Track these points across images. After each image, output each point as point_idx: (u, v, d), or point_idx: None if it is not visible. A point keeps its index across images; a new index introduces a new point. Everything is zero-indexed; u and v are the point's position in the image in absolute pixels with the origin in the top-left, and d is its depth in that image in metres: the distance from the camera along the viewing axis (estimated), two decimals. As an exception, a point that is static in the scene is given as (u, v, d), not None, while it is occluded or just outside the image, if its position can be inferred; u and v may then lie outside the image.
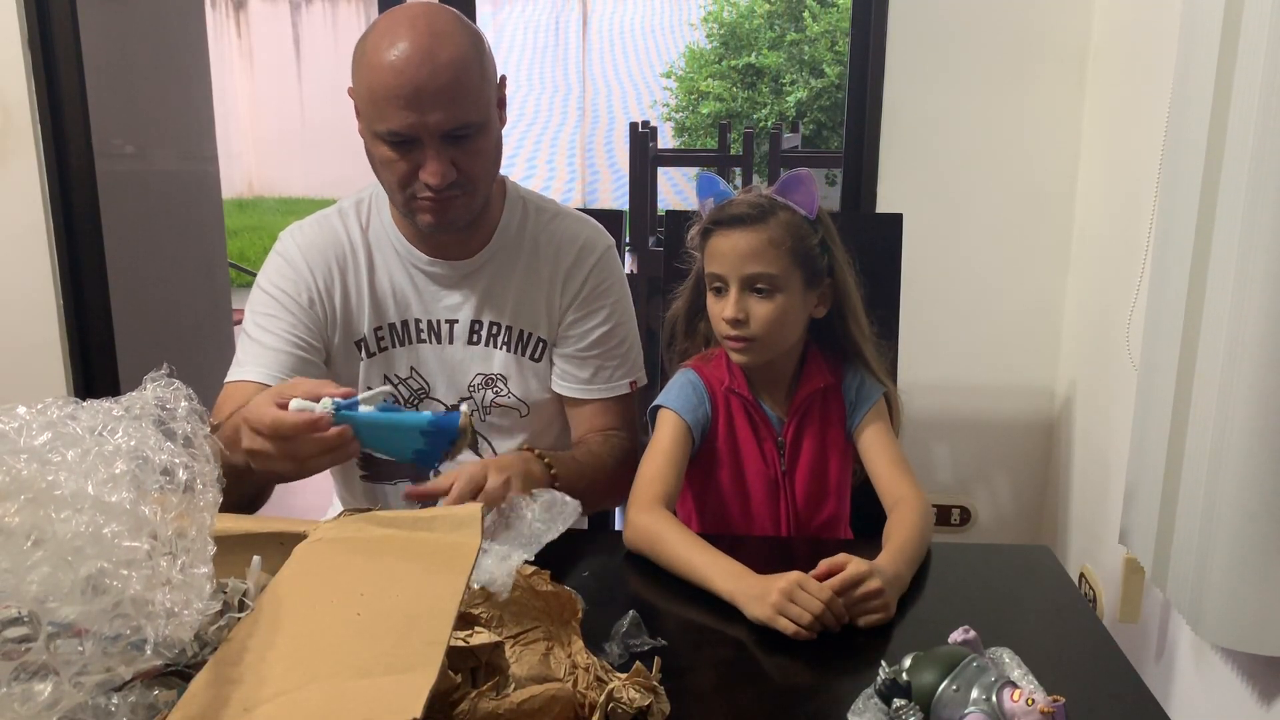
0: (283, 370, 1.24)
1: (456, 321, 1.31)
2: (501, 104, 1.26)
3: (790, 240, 1.19)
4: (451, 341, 1.32)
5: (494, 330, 1.32)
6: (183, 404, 0.72)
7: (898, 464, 1.23)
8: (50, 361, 2.17)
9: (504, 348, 1.33)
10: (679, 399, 1.25)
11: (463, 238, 1.30)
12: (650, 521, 1.14)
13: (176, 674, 0.68)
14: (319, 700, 0.67)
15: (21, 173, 2.09)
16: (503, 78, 1.26)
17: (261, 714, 0.66)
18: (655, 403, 1.27)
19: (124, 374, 2.28)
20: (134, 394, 0.72)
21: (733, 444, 1.27)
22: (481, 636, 0.73)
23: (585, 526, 1.51)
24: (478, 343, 1.32)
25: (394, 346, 1.32)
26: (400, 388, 1.32)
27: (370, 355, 1.31)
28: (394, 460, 1.10)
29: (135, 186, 2.76)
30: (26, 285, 2.14)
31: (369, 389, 1.30)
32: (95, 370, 2.23)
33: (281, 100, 10.74)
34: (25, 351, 2.16)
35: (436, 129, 1.14)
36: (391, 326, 1.31)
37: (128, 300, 2.33)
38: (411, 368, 1.32)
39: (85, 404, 0.71)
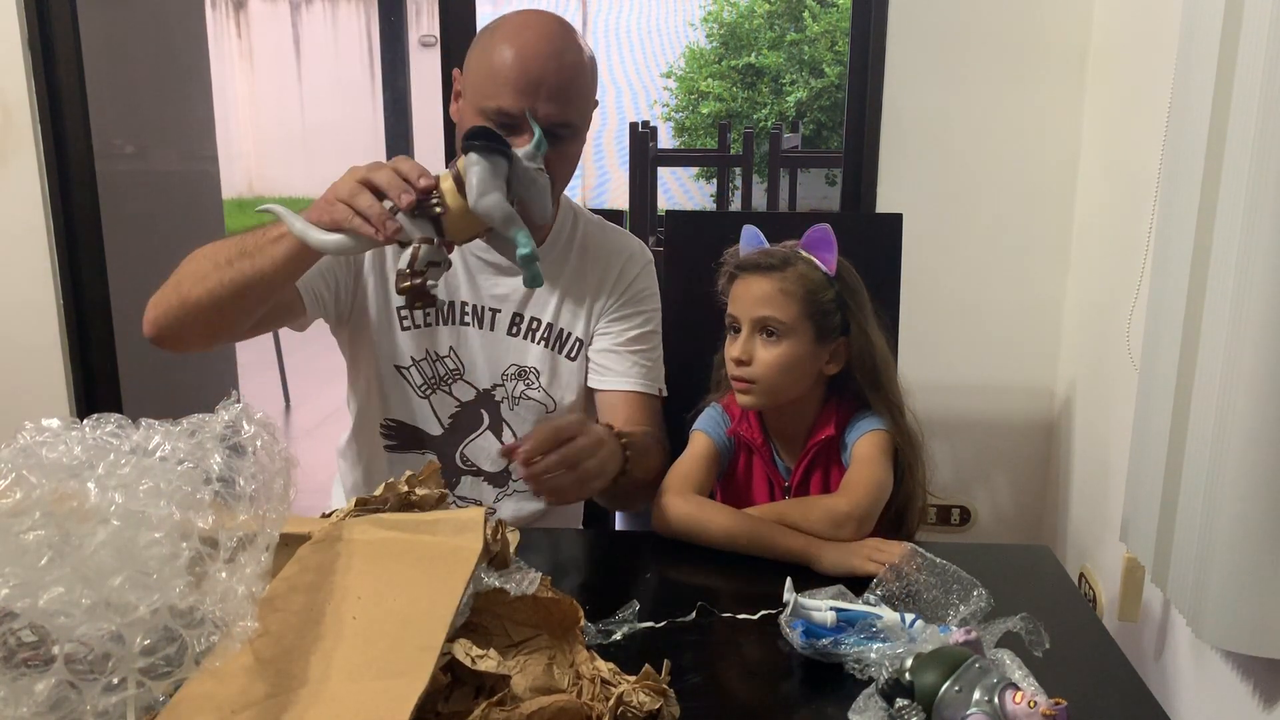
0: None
1: (500, 311, 1.35)
2: (587, 124, 1.32)
3: (802, 291, 1.22)
4: (493, 329, 1.35)
5: (534, 325, 1.36)
6: (248, 424, 0.72)
7: (850, 481, 1.22)
8: (50, 362, 2.17)
9: (541, 343, 1.36)
10: (708, 423, 1.32)
11: None
12: (689, 502, 1.21)
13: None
14: (306, 704, 0.67)
15: (21, 173, 2.09)
16: (596, 101, 1.32)
17: (247, 717, 0.66)
18: (693, 427, 1.33)
19: (124, 374, 2.28)
20: (200, 416, 0.73)
21: (746, 482, 1.32)
22: (487, 664, 0.73)
23: (580, 525, 1.51)
24: (517, 334, 1.36)
25: (439, 324, 1.35)
26: (437, 365, 1.35)
27: (415, 327, 1.34)
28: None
29: (135, 186, 2.76)
30: (26, 285, 2.14)
31: (412, 359, 1.35)
32: (95, 371, 2.22)
33: (281, 100, 10.74)
34: (25, 352, 2.16)
35: (543, 120, 1.19)
36: (439, 305, 1.34)
37: (128, 300, 2.33)
38: (451, 347, 1.35)
39: (141, 422, 0.71)
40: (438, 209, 0.96)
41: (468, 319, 1.35)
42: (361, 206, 0.96)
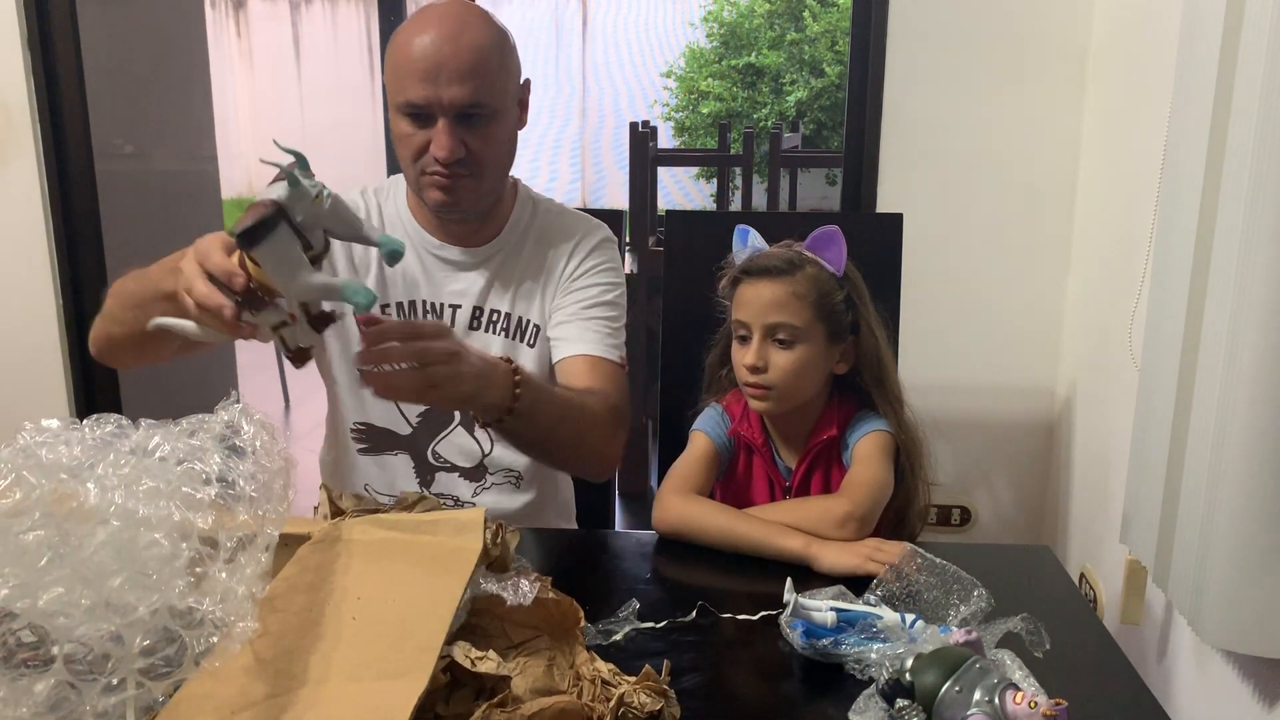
0: None
1: (459, 307, 1.34)
2: (523, 105, 1.32)
3: (815, 294, 1.22)
4: (453, 325, 1.34)
5: (494, 317, 1.35)
6: (248, 425, 0.72)
7: (852, 481, 1.22)
8: (50, 362, 2.17)
9: (501, 334, 1.35)
10: (708, 423, 1.32)
11: (474, 227, 1.34)
12: (689, 502, 1.21)
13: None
14: (306, 704, 0.67)
15: (21, 173, 2.09)
16: (527, 80, 1.31)
17: (247, 717, 0.65)
18: (692, 427, 1.33)
19: (124, 374, 2.28)
20: (199, 416, 0.73)
21: (746, 482, 1.32)
22: (487, 665, 0.72)
23: (574, 524, 1.51)
24: (478, 329, 1.35)
25: None
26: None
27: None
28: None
29: (135, 186, 2.76)
30: (26, 286, 2.14)
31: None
32: (95, 371, 2.22)
33: (281, 100, 10.73)
34: (25, 352, 2.16)
35: (451, 105, 1.20)
36: (399, 305, 1.34)
37: (128, 300, 2.33)
38: None
39: (141, 422, 0.71)
40: (266, 298, 0.91)
41: (428, 317, 1.34)
42: (214, 323, 0.93)
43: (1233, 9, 1.17)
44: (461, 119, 1.22)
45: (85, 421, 0.70)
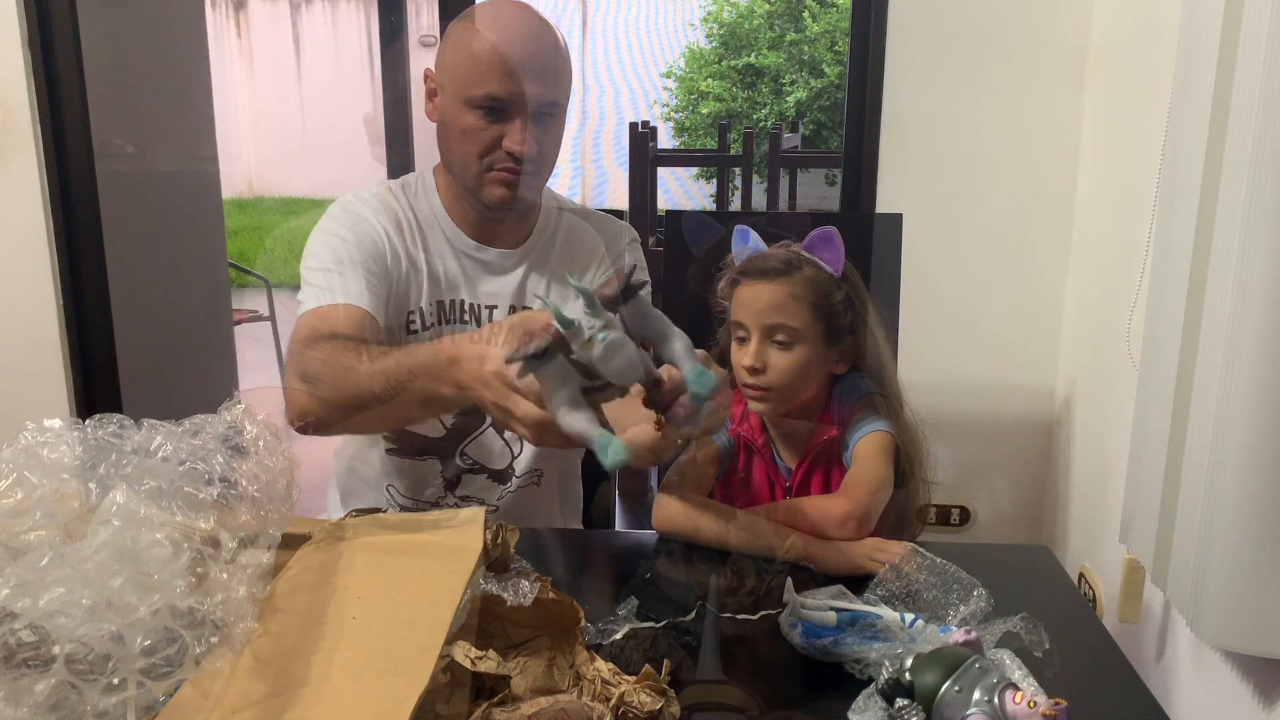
0: (375, 305, 1.24)
1: (496, 307, 1.36)
2: (568, 103, 1.34)
3: (813, 295, 1.22)
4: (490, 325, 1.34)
5: None
6: (250, 425, 0.72)
7: (852, 481, 1.22)
8: (50, 362, 2.17)
9: None
10: None
11: (509, 228, 1.36)
12: (689, 502, 1.22)
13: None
14: (307, 704, 0.67)
15: (21, 173, 2.08)
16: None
17: (247, 717, 0.66)
18: None
19: (124, 374, 2.28)
20: (202, 416, 0.73)
21: (746, 482, 1.33)
22: (488, 665, 0.73)
23: (580, 524, 1.52)
24: None
25: (441, 324, 1.36)
26: None
27: (426, 328, 1.34)
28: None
29: (135, 186, 2.76)
30: (26, 285, 2.13)
31: None
32: (95, 371, 2.22)
33: (281, 100, 10.73)
34: (25, 352, 2.16)
35: (531, 101, 1.23)
36: (441, 304, 1.35)
37: (128, 300, 2.33)
38: None
39: (143, 422, 0.71)
40: None
41: (466, 318, 1.35)
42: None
43: (1232, 9, 1.17)
44: (535, 116, 1.24)
45: (87, 422, 0.70)
